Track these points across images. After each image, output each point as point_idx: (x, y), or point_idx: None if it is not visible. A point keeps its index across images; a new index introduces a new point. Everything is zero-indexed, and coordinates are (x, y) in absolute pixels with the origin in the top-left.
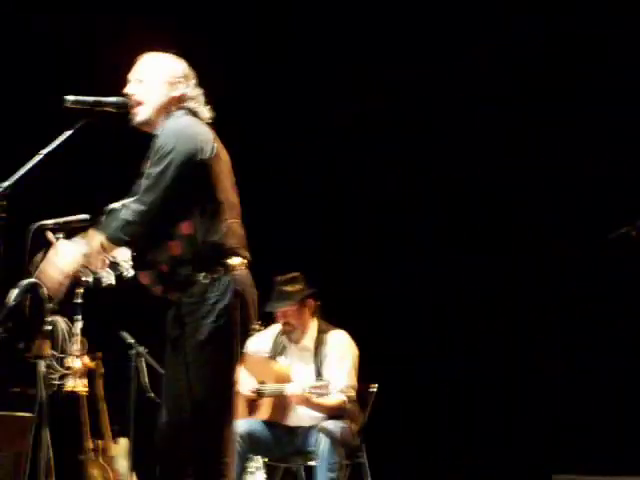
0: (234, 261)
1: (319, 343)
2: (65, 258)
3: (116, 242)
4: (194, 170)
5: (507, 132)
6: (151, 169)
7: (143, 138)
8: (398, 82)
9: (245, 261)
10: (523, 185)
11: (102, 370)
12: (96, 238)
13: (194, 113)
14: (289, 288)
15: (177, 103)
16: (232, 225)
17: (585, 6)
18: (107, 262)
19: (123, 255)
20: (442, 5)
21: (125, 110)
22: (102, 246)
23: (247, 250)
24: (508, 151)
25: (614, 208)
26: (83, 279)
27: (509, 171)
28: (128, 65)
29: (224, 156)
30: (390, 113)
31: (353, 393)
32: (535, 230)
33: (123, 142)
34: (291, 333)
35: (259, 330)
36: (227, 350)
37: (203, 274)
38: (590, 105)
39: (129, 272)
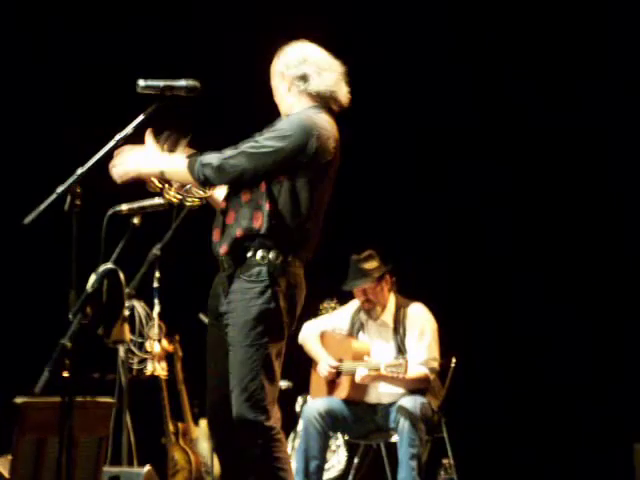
0: (297, 259)
1: (398, 318)
2: (147, 161)
3: (191, 174)
4: (297, 165)
5: None
6: (258, 137)
7: (220, 124)
8: None
9: (303, 263)
10: None
11: (181, 353)
12: (179, 161)
13: (319, 106)
14: (367, 265)
15: (300, 97)
16: (311, 229)
17: None
18: (183, 186)
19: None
20: None
21: (195, 94)
22: (182, 170)
23: (312, 253)
24: None
25: None
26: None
27: None
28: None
29: (337, 161)
30: None
31: (435, 365)
32: None
33: (198, 125)
34: (370, 310)
35: (335, 308)
36: (274, 333)
37: (268, 255)
38: None
39: (193, 203)
